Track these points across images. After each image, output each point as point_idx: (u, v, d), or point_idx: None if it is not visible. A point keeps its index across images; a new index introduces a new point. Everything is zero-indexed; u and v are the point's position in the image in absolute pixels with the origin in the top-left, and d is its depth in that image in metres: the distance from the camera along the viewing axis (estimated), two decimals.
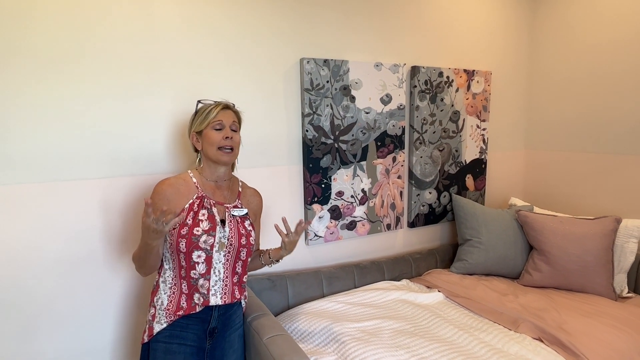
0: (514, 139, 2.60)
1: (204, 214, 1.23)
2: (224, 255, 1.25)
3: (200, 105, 1.31)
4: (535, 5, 2.50)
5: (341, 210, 2.00)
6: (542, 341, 1.52)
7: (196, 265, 1.21)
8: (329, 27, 1.88)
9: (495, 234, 2.12)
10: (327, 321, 1.61)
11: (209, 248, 1.21)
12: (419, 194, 2.23)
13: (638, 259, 1.99)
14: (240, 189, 1.38)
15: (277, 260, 1.42)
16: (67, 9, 1.38)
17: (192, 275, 1.21)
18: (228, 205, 1.30)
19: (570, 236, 1.94)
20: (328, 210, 1.97)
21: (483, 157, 2.43)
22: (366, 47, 1.99)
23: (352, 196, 2.02)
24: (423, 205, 2.26)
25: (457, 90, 2.25)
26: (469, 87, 2.29)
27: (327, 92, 1.88)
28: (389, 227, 2.16)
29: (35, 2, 1.34)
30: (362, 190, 2.05)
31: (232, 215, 1.29)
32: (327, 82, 1.87)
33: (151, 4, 1.51)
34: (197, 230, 1.20)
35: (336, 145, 1.94)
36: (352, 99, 1.95)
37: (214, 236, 1.22)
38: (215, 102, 1.29)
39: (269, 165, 1.83)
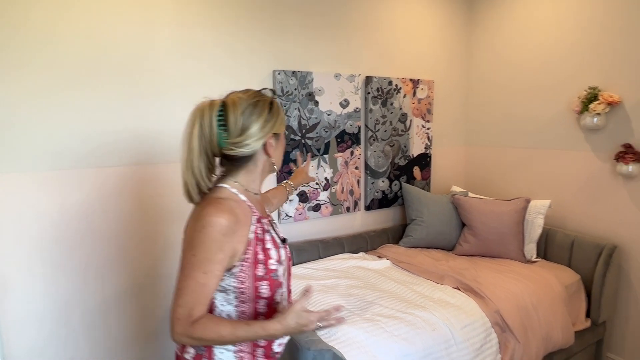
0: (454, 137, 3.09)
1: (268, 239, 1.01)
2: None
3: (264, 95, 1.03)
4: (470, 23, 3.00)
5: (308, 195, 2.42)
6: (459, 289, 1.99)
7: (278, 305, 1.00)
8: (297, 45, 2.30)
9: (435, 215, 2.59)
10: (295, 280, 2.03)
11: (285, 280, 1.03)
12: (373, 182, 2.68)
13: (544, 231, 2.50)
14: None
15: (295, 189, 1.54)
16: (87, 31, 1.75)
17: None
18: (271, 218, 1.11)
19: (491, 214, 2.43)
20: (297, 194, 2.38)
21: (428, 151, 2.90)
22: (328, 61, 2.42)
23: (317, 183, 2.44)
24: (377, 192, 2.71)
25: (404, 96, 2.72)
26: (414, 94, 2.76)
27: (295, 97, 2.29)
28: (348, 209, 2.60)
29: (63, 27, 1.70)
30: (326, 178, 2.47)
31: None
32: (295, 89, 2.29)
33: (151, 28, 1.89)
34: (272, 264, 0.98)
35: (303, 141, 2.35)
36: (316, 103, 2.37)
37: (283, 262, 1.03)
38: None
39: None
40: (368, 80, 2.55)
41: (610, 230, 2.31)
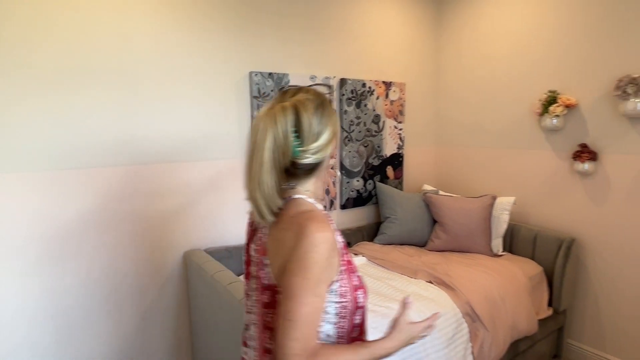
0: (425, 137, 3.20)
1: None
2: None
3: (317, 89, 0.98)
4: (439, 29, 3.12)
5: None
6: (432, 283, 2.08)
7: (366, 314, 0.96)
8: (273, 47, 2.33)
9: (407, 212, 2.68)
10: None
11: None
12: (348, 182, 2.74)
13: (509, 226, 2.64)
14: None
15: None
16: (64, 34, 1.73)
17: (367, 329, 0.93)
18: None
19: (460, 211, 2.54)
20: None
21: (400, 151, 3.00)
22: (303, 63, 2.47)
23: None
24: (352, 191, 2.78)
25: (377, 98, 2.80)
26: (387, 96, 2.85)
27: (272, 98, 2.33)
28: (325, 208, 2.65)
29: (42, 27, 1.67)
30: None
31: None
32: (272, 90, 2.32)
33: (129, 30, 1.88)
34: (357, 269, 0.94)
35: None
36: None
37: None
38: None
39: (225, 158, 2.24)
40: (343, 82, 2.61)
41: (569, 224, 2.47)
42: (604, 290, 2.35)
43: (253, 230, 1.01)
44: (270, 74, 2.30)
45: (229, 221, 2.29)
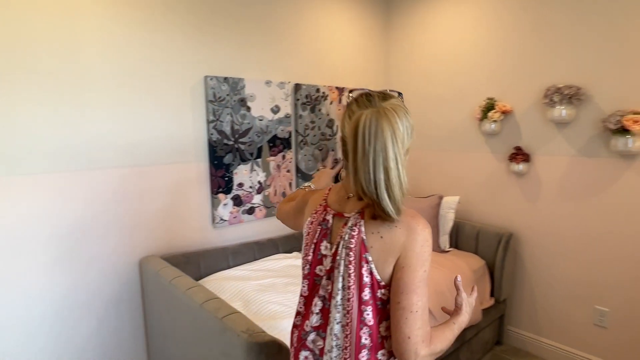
0: None
1: None
2: None
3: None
4: (388, 38, 3.28)
5: (242, 198, 2.47)
6: None
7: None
8: (229, 52, 2.35)
9: None
10: (233, 282, 2.08)
11: None
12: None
13: (455, 223, 2.83)
14: None
15: None
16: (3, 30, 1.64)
17: None
18: None
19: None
20: (231, 198, 2.42)
21: None
22: (259, 68, 2.50)
23: (250, 187, 2.51)
24: None
25: (331, 103, 2.89)
26: (340, 101, 2.95)
27: (228, 103, 2.34)
28: None
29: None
30: (259, 182, 2.55)
31: None
32: (227, 95, 2.33)
33: (77, 31, 1.82)
34: None
35: (236, 145, 2.41)
36: (248, 109, 2.44)
37: None
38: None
39: (180, 162, 2.22)
40: (297, 87, 2.68)
41: (507, 220, 2.69)
42: (538, 279, 2.59)
43: (326, 229, 1.00)
44: (225, 78, 2.31)
45: (186, 227, 2.27)
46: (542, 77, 2.44)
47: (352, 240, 0.92)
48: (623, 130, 2.07)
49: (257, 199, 2.55)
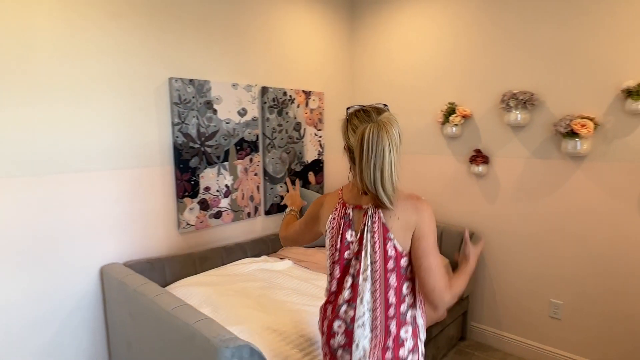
0: (343, 144, 3.38)
1: None
2: None
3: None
4: (353, 44, 3.34)
5: (209, 202, 2.43)
6: None
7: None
8: (194, 53, 2.31)
9: None
10: (201, 287, 2.03)
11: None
12: (272, 188, 2.80)
13: None
14: None
15: None
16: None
17: None
18: None
19: None
20: (197, 202, 2.37)
21: (321, 158, 3.13)
22: (225, 70, 2.47)
23: (217, 190, 2.47)
24: (276, 197, 2.83)
25: (298, 106, 2.90)
26: (307, 104, 2.97)
27: (193, 105, 2.30)
28: (249, 215, 2.67)
29: None
30: (226, 185, 2.51)
31: None
32: (193, 97, 2.29)
33: (32, 30, 1.73)
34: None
35: (202, 149, 2.36)
36: (215, 111, 2.40)
37: None
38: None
39: (145, 166, 2.15)
40: (264, 90, 2.67)
41: (468, 220, 2.81)
42: (498, 276, 2.71)
43: (348, 221, 1.23)
44: (191, 80, 2.27)
45: (150, 232, 2.20)
46: (499, 83, 2.57)
47: (375, 226, 1.17)
48: (572, 134, 2.22)
49: (224, 203, 2.51)
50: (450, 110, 2.74)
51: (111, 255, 2.07)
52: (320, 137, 3.10)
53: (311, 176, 3.07)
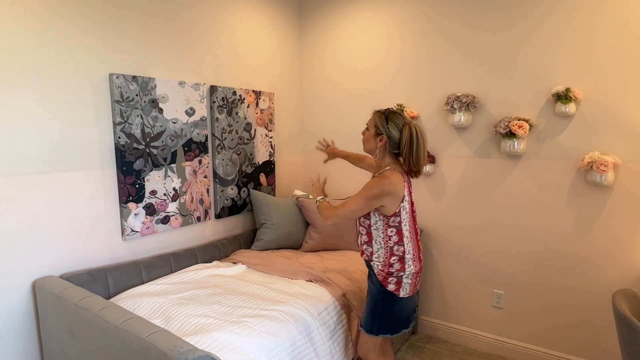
0: (294, 145, 3.36)
1: None
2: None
3: None
4: (301, 47, 3.33)
5: (155, 207, 2.29)
6: (312, 281, 2.21)
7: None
8: (137, 48, 2.16)
9: (282, 217, 2.78)
10: (150, 298, 1.91)
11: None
12: (222, 190, 2.70)
13: None
14: (374, 174, 1.80)
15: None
16: None
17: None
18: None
19: None
20: (143, 207, 2.23)
21: (272, 159, 3.09)
22: (172, 68, 2.35)
23: (164, 194, 2.33)
24: (227, 200, 2.74)
25: (248, 106, 2.83)
26: (257, 104, 2.91)
27: (137, 104, 2.15)
28: (199, 219, 2.56)
29: None
30: (174, 188, 2.38)
31: None
32: (137, 95, 2.15)
33: None
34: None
35: (147, 150, 2.22)
36: (160, 110, 2.27)
37: None
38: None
39: (83, 169, 1.98)
40: (213, 89, 2.57)
41: (418, 218, 2.90)
42: (445, 270, 2.84)
43: (409, 187, 1.77)
44: (134, 77, 2.13)
45: (90, 241, 2.02)
46: (443, 86, 2.69)
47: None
48: (510, 134, 2.38)
49: (172, 207, 2.38)
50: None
51: (46, 268, 1.87)
52: (271, 138, 3.05)
53: (262, 178, 3.01)
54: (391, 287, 1.73)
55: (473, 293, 2.74)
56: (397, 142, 1.70)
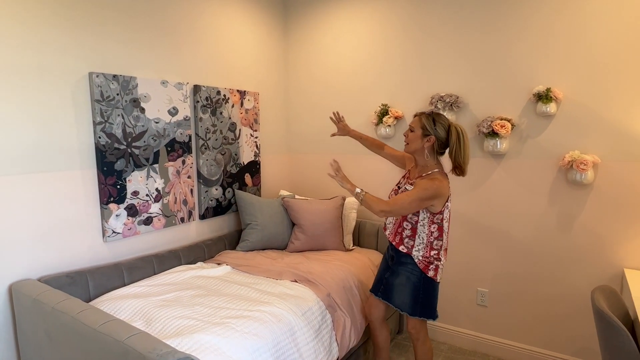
0: (279, 145, 3.35)
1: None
2: None
3: None
4: (287, 48, 3.32)
5: (137, 208, 2.26)
6: (296, 282, 2.20)
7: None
8: (118, 47, 2.13)
9: (268, 218, 2.76)
10: (131, 300, 1.88)
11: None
12: (207, 191, 2.68)
13: (357, 223, 2.98)
14: (420, 174, 1.92)
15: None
16: None
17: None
18: (410, 180, 1.97)
19: (315, 212, 2.75)
20: (125, 208, 2.19)
21: (257, 159, 3.07)
22: (154, 66, 2.32)
23: (147, 195, 2.30)
24: (211, 200, 2.72)
25: (232, 106, 2.81)
26: (242, 104, 2.89)
27: (118, 103, 2.12)
28: (182, 220, 2.53)
29: None
30: (157, 189, 2.35)
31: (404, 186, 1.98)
32: (118, 94, 2.12)
33: None
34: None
35: (129, 150, 2.19)
36: (142, 110, 2.24)
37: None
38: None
39: (62, 170, 1.94)
40: (197, 88, 2.55)
41: None
42: None
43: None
44: (114, 76, 2.09)
45: (70, 243, 1.99)
46: (427, 86, 2.71)
47: None
48: (493, 134, 2.41)
49: (155, 208, 2.35)
50: (384, 112, 2.83)
51: (23, 271, 1.83)
52: (256, 138, 3.04)
53: (248, 178, 2.99)
54: (431, 273, 1.93)
55: (458, 291, 2.76)
56: (444, 142, 1.86)
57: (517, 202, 2.49)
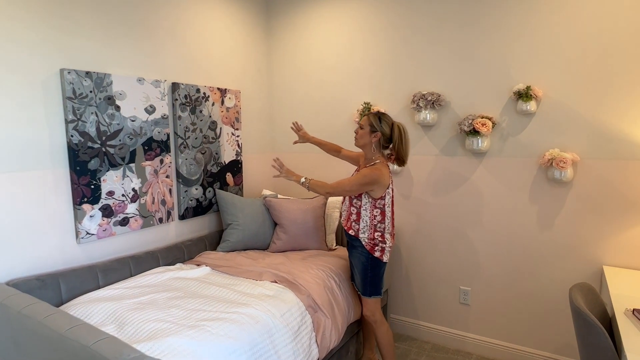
0: (262, 144, 3.31)
1: None
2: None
3: None
4: (270, 40, 3.28)
5: (113, 208, 2.20)
6: (277, 282, 2.16)
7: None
8: (91, 43, 2.07)
9: (249, 217, 2.72)
10: (104, 303, 1.82)
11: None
12: (186, 190, 2.62)
13: (340, 222, 2.95)
14: (365, 165, 2.14)
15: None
16: None
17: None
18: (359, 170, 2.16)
19: (297, 211, 2.71)
20: (99, 209, 2.13)
21: (239, 158, 3.03)
22: (129, 63, 2.26)
23: (123, 195, 2.24)
24: (191, 200, 2.67)
25: (213, 104, 2.77)
26: (222, 102, 2.84)
27: (92, 100, 2.06)
28: (161, 220, 2.47)
29: None
30: (133, 189, 2.30)
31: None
32: (91, 92, 2.06)
33: None
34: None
35: (104, 149, 2.13)
36: (117, 108, 2.18)
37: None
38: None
39: (31, 169, 1.88)
40: (175, 86, 2.50)
41: None
42: (414, 269, 2.84)
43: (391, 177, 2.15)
44: (87, 72, 2.03)
45: (40, 245, 1.92)
46: (409, 84, 2.69)
47: None
48: (474, 132, 2.40)
49: (131, 208, 2.29)
50: (366, 110, 2.81)
51: None
52: (237, 136, 2.99)
53: (229, 177, 2.95)
54: (377, 254, 2.12)
55: (441, 290, 2.75)
56: (388, 137, 2.08)
57: (498, 200, 2.49)
